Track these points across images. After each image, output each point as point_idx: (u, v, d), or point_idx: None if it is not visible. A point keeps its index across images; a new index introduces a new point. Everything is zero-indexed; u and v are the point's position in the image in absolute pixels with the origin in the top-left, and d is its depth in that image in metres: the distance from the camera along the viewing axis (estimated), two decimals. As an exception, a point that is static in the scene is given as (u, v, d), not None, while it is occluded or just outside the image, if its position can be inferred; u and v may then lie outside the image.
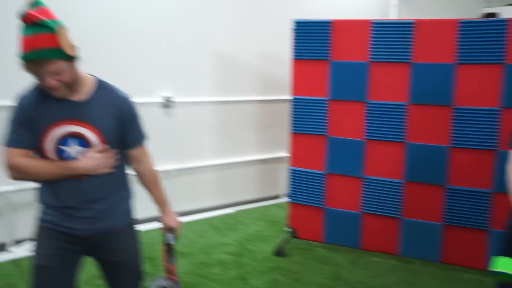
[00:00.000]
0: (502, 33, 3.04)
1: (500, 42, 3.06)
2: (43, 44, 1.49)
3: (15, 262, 3.33)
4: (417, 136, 3.38)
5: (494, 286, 2.04)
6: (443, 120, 3.30)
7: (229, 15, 4.30)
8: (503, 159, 2.36)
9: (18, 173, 1.68)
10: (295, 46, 3.53)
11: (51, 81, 1.54)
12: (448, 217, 3.37)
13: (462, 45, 3.17)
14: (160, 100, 4.07)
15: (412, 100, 3.35)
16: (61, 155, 1.69)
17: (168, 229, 1.98)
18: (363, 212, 3.58)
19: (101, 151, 1.73)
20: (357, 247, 3.64)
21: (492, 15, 4.51)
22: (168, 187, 4.32)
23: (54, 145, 1.68)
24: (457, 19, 3.15)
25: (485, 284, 3.13)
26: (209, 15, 4.19)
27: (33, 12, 1.48)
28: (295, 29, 3.51)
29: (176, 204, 4.18)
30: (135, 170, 1.94)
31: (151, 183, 1.96)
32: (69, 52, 1.54)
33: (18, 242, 3.58)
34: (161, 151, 2.14)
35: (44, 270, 1.75)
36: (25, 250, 3.48)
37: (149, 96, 3.92)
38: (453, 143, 3.29)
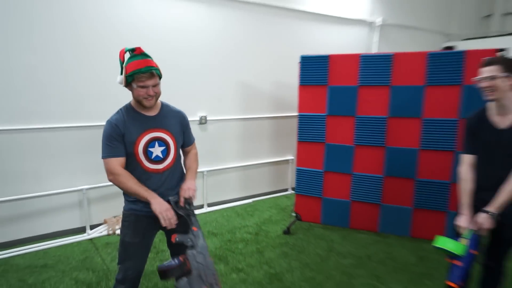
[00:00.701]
0: (460, 62, 3.05)
1: (458, 69, 3.06)
2: (152, 64, 1.73)
3: (91, 241, 3.42)
4: (394, 141, 3.37)
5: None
6: (414, 129, 3.28)
7: (250, 53, 4.29)
8: (458, 159, 2.40)
9: (113, 178, 1.75)
10: (301, 75, 3.55)
11: (151, 91, 1.72)
12: (417, 202, 3.40)
13: (429, 71, 3.15)
14: (197, 118, 4.07)
15: (391, 114, 3.34)
16: (149, 155, 1.79)
17: (184, 191, 1.84)
18: (352, 200, 3.61)
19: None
20: (347, 226, 3.67)
21: (450, 48, 4.57)
22: (202, 184, 4.13)
23: (143, 148, 1.77)
24: (425, 51, 3.17)
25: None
26: (235, 53, 4.18)
27: (138, 47, 1.76)
28: (301, 62, 3.54)
29: (208, 197, 4.34)
30: (184, 154, 2.02)
31: (191, 159, 2.00)
32: (161, 73, 1.79)
33: (93, 226, 3.63)
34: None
35: (131, 245, 1.85)
36: (98, 232, 3.54)
37: (189, 115, 3.48)
38: (422, 146, 3.29)
